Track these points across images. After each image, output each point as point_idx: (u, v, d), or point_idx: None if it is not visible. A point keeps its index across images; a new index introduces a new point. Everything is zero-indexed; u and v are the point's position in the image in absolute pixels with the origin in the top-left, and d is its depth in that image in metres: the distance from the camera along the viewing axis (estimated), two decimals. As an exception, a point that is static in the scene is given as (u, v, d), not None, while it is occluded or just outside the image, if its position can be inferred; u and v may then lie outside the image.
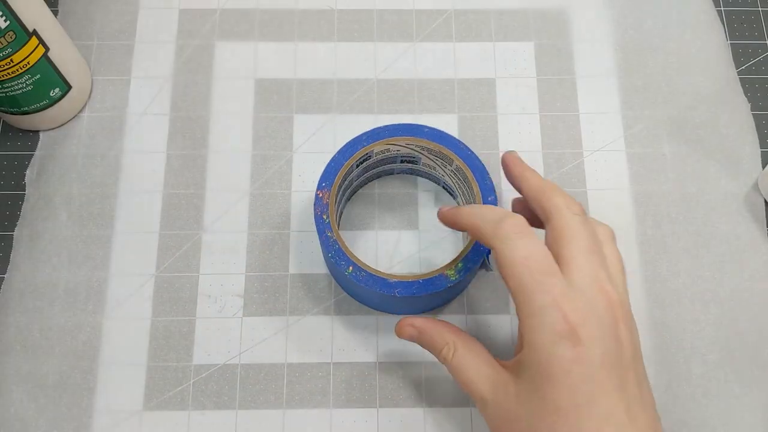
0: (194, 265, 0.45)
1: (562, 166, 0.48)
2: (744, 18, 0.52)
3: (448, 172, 0.44)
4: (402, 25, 0.51)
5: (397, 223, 0.46)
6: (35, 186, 0.47)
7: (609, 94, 0.50)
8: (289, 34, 0.51)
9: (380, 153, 0.43)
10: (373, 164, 0.44)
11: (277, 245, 0.45)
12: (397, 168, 0.46)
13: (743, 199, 0.47)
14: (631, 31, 0.51)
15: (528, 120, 0.49)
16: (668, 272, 0.45)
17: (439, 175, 0.45)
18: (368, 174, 0.45)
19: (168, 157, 0.47)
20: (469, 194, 0.42)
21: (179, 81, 0.49)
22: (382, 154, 0.43)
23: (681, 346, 0.44)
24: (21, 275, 0.44)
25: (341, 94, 0.49)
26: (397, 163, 0.45)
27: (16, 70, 0.42)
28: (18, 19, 0.40)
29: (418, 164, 0.45)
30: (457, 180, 0.43)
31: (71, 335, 0.43)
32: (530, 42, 0.51)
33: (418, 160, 0.44)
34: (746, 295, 0.45)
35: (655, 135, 0.49)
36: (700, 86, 0.50)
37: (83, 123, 0.48)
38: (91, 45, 0.50)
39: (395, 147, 0.42)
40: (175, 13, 0.51)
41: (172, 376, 0.42)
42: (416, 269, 0.45)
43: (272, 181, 0.47)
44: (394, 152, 0.43)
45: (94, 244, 0.45)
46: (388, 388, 0.42)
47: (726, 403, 0.42)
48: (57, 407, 0.42)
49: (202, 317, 0.44)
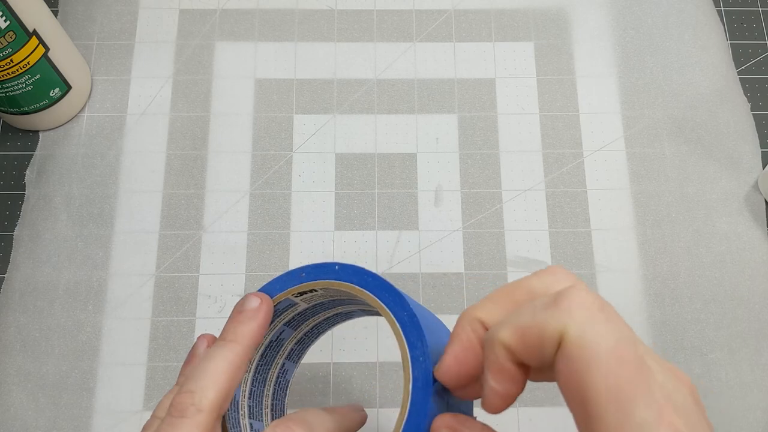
0: (194, 265, 0.45)
1: (562, 166, 0.48)
2: (744, 18, 0.52)
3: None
4: (402, 25, 0.51)
5: (397, 223, 0.46)
6: (35, 186, 0.47)
7: (609, 94, 0.50)
8: (289, 34, 0.51)
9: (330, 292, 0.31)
10: (331, 301, 0.33)
11: (277, 245, 0.45)
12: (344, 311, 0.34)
13: (743, 198, 0.47)
14: (631, 31, 0.51)
15: (528, 120, 0.49)
16: (668, 272, 0.45)
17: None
18: (329, 313, 0.34)
19: (168, 157, 0.47)
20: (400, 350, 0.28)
21: (179, 81, 0.49)
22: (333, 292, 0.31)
23: (681, 346, 0.44)
24: (21, 275, 0.44)
25: (341, 94, 0.49)
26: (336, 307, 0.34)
27: (16, 70, 0.42)
28: (18, 19, 0.40)
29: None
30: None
31: (71, 335, 0.43)
32: (530, 42, 0.51)
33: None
34: (746, 294, 0.45)
35: (655, 135, 0.49)
36: (700, 86, 0.50)
37: (83, 123, 0.48)
38: (91, 45, 0.50)
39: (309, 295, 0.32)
40: (175, 13, 0.51)
41: (172, 376, 0.42)
42: (416, 269, 0.45)
43: (272, 181, 0.47)
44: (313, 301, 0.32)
45: (94, 244, 0.45)
46: (388, 388, 0.42)
47: (726, 403, 0.42)
48: (57, 407, 0.42)
49: (202, 317, 0.44)
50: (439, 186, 0.47)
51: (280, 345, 0.34)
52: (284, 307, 0.32)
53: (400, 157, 0.48)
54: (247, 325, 0.28)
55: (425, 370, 0.26)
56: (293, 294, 0.31)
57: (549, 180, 0.47)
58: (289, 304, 0.32)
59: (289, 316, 0.33)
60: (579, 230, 0.46)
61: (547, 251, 0.45)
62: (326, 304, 0.33)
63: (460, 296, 0.44)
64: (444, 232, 0.46)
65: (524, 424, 0.42)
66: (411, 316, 0.27)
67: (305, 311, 0.33)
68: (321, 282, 0.30)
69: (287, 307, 0.32)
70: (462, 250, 0.45)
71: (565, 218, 0.46)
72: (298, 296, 0.31)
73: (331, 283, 0.30)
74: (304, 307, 0.33)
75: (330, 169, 0.47)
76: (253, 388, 0.33)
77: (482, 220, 0.46)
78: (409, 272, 0.45)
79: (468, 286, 0.45)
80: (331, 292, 0.31)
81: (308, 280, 0.31)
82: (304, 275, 0.31)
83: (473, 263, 0.45)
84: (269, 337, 0.33)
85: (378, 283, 0.29)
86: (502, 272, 0.45)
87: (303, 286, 0.31)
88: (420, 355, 0.26)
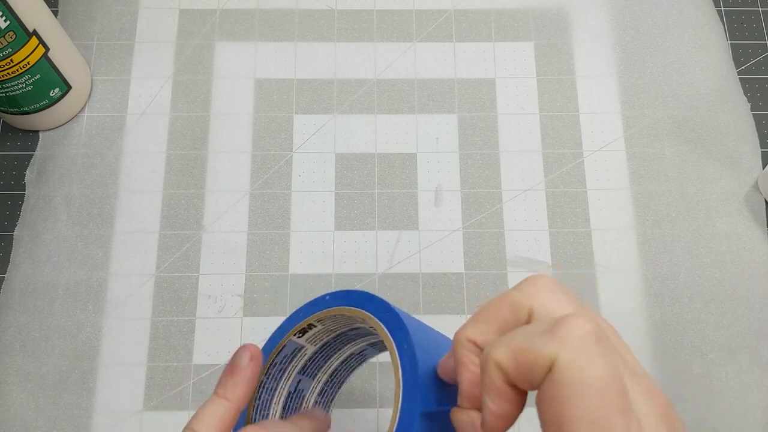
0: (194, 265, 0.45)
1: (562, 166, 0.48)
2: (744, 18, 0.52)
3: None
4: (402, 25, 0.51)
5: (397, 223, 0.46)
6: (35, 186, 0.47)
7: (609, 94, 0.50)
8: (289, 34, 0.51)
9: (330, 323, 0.31)
10: (338, 336, 0.33)
11: (277, 245, 0.45)
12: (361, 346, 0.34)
13: (743, 198, 0.47)
14: (631, 31, 0.51)
15: (528, 120, 0.49)
16: (668, 272, 0.45)
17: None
18: (349, 350, 0.34)
19: (168, 157, 0.47)
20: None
21: (179, 81, 0.49)
22: (335, 323, 0.31)
23: (681, 346, 0.44)
24: (21, 275, 0.44)
25: (341, 94, 0.49)
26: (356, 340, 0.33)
27: (16, 70, 0.42)
28: (18, 20, 0.40)
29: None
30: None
31: (71, 335, 0.43)
32: (530, 42, 0.51)
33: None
34: (746, 294, 0.45)
35: (655, 135, 0.49)
36: (700, 86, 0.50)
37: (83, 123, 0.48)
38: (91, 45, 0.50)
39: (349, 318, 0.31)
40: (175, 13, 0.51)
41: (172, 376, 0.42)
42: (416, 269, 0.45)
43: (272, 181, 0.47)
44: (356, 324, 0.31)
45: (94, 244, 0.45)
46: (388, 388, 0.42)
47: (726, 403, 0.42)
48: (57, 407, 0.42)
49: (202, 317, 0.44)
50: (439, 186, 0.47)
51: (301, 397, 0.33)
52: (291, 351, 0.32)
53: (400, 157, 0.48)
54: (238, 383, 0.29)
55: (414, 396, 0.26)
56: (294, 334, 0.31)
57: (549, 180, 0.47)
58: (295, 348, 0.32)
59: (300, 363, 0.33)
60: (579, 230, 0.46)
61: (547, 251, 0.45)
62: (332, 343, 0.33)
63: (460, 296, 0.44)
64: (444, 232, 0.46)
65: (524, 424, 0.42)
66: (405, 333, 0.27)
67: (315, 356, 0.33)
68: (316, 315, 0.30)
69: (295, 352, 0.32)
70: (462, 250, 0.45)
71: (565, 218, 0.46)
72: (300, 336, 0.31)
73: (326, 312, 0.30)
74: (312, 350, 0.32)
75: (330, 169, 0.47)
76: None
77: (482, 220, 0.46)
78: (409, 272, 0.45)
79: (468, 286, 0.45)
80: (329, 323, 0.31)
81: (305, 317, 0.31)
82: (301, 314, 0.31)
83: (473, 263, 0.45)
84: (287, 387, 0.33)
85: (367, 298, 0.29)
86: (502, 272, 0.45)
87: (301, 324, 0.31)
88: (410, 378, 0.26)
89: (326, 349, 0.33)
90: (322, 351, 0.33)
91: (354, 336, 0.33)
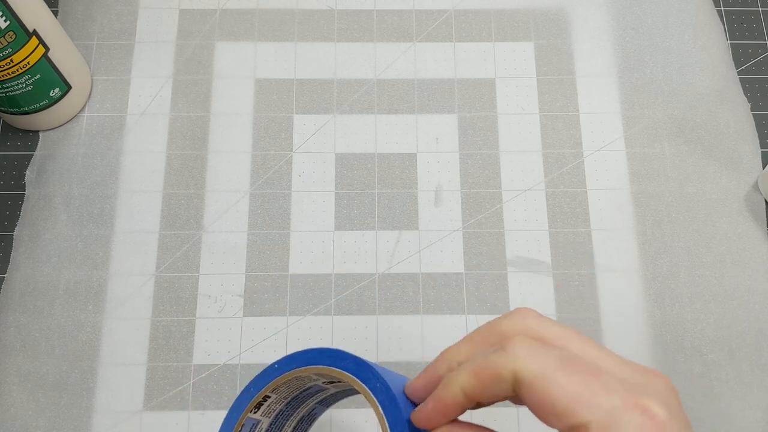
0: (194, 265, 0.45)
1: (562, 166, 0.48)
2: (744, 18, 0.52)
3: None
4: (402, 25, 0.51)
5: (397, 223, 0.46)
6: (35, 186, 0.47)
7: (609, 94, 0.50)
8: (289, 34, 0.51)
9: (284, 390, 0.31)
10: (290, 402, 0.33)
11: (277, 245, 0.45)
12: (333, 391, 0.33)
13: (743, 198, 0.47)
14: (631, 31, 0.51)
15: (528, 120, 0.49)
16: (668, 272, 0.45)
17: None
18: (301, 413, 0.34)
19: (168, 157, 0.47)
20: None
21: (179, 81, 0.49)
22: (289, 388, 0.32)
23: (681, 346, 0.44)
24: (21, 275, 0.44)
25: (341, 94, 0.49)
26: (327, 389, 0.33)
27: (16, 70, 0.42)
28: (18, 19, 0.40)
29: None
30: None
31: (71, 335, 0.43)
32: (530, 42, 0.51)
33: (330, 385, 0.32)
34: (746, 294, 0.45)
35: (655, 135, 0.49)
36: (700, 86, 0.50)
37: (83, 123, 0.48)
38: (91, 45, 0.50)
39: (306, 378, 0.31)
40: (175, 13, 0.51)
41: (172, 376, 0.42)
42: (416, 269, 0.45)
43: (272, 181, 0.47)
44: (308, 383, 0.32)
45: (94, 244, 0.45)
46: (388, 388, 0.42)
47: (726, 403, 0.42)
48: (57, 407, 0.42)
49: (202, 317, 0.44)
50: (439, 186, 0.47)
51: None
52: (249, 429, 0.31)
53: (400, 157, 0.48)
54: None
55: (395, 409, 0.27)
56: (250, 410, 0.31)
57: (549, 180, 0.47)
58: (253, 424, 0.31)
59: None
60: (579, 230, 0.46)
61: (547, 251, 0.46)
62: (284, 410, 0.33)
63: (460, 296, 0.44)
64: (444, 232, 0.46)
65: (524, 423, 0.42)
66: (373, 372, 0.28)
67: (270, 428, 0.32)
68: (270, 385, 0.30)
69: (252, 428, 0.31)
70: (462, 250, 0.45)
71: (565, 218, 0.46)
72: (256, 411, 0.31)
73: (280, 379, 0.30)
74: (267, 423, 0.32)
75: (330, 169, 0.47)
76: None
77: (482, 220, 0.46)
78: (409, 272, 0.45)
79: (468, 286, 0.45)
80: (283, 390, 0.31)
81: (257, 390, 0.30)
82: (252, 389, 0.31)
83: (473, 263, 0.45)
84: None
85: (317, 354, 0.29)
86: (502, 272, 0.45)
87: (257, 397, 0.30)
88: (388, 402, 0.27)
89: (279, 418, 0.33)
90: (276, 421, 0.33)
91: (305, 397, 0.33)
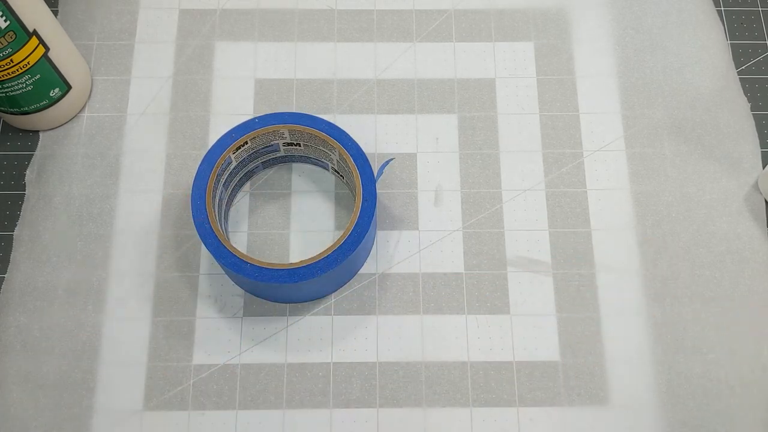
0: (194, 265, 0.45)
1: (562, 166, 0.48)
2: (744, 18, 0.52)
3: (334, 161, 0.44)
4: (402, 25, 0.51)
5: (397, 223, 0.46)
6: (35, 186, 0.47)
7: (609, 94, 0.50)
8: (289, 34, 0.51)
9: (257, 141, 0.43)
10: (251, 154, 0.44)
11: (277, 245, 0.45)
12: (281, 154, 0.46)
13: (743, 198, 0.47)
14: (631, 31, 0.51)
15: (528, 120, 0.49)
16: (668, 272, 0.45)
17: (327, 162, 0.45)
18: (250, 166, 0.45)
19: (168, 157, 0.47)
20: (351, 184, 0.43)
21: (179, 81, 0.49)
22: (260, 141, 0.43)
23: (681, 346, 0.44)
24: (21, 275, 0.44)
25: (341, 94, 0.49)
26: (279, 150, 0.45)
27: (16, 70, 0.42)
28: (18, 19, 0.40)
29: (301, 146, 0.45)
30: (342, 168, 0.44)
31: (71, 335, 0.43)
32: (530, 42, 0.51)
33: (300, 143, 0.44)
34: (746, 294, 0.45)
35: (655, 135, 0.49)
36: (700, 86, 0.50)
37: (83, 123, 0.48)
38: (91, 45, 0.50)
39: (276, 134, 0.42)
40: (175, 13, 0.51)
41: (172, 376, 0.42)
42: (416, 269, 0.45)
43: (272, 181, 0.47)
44: (273, 140, 0.43)
45: (94, 243, 0.45)
46: (388, 388, 0.42)
47: (726, 403, 0.42)
48: (57, 407, 0.42)
49: (202, 317, 0.44)
50: (439, 186, 0.47)
51: (221, 207, 0.43)
52: (226, 165, 0.42)
53: (399, 157, 0.48)
54: None
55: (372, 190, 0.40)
56: (231, 152, 0.41)
57: (549, 180, 0.47)
58: (228, 163, 0.42)
59: (224, 176, 0.42)
60: (579, 230, 0.46)
61: (547, 251, 0.46)
62: (245, 159, 0.43)
63: (460, 296, 0.44)
64: (444, 232, 0.46)
65: (524, 424, 0.42)
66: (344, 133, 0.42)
67: (235, 169, 0.43)
68: (250, 134, 0.42)
69: (226, 166, 0.42)
70: (462, 250, 0.45)
71: (565, 218, 0.46)
72: (234, 153, 0.42)
73: (260, 131, 0.42)
74: (234, 165, 0.43)
75: (330, 169, 0.47)
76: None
77: (482, 220, 0.46)
78: (409, 272, 0.45)
79: (468, 286, 0.45)
80: (258, 141, 0.42)
81: (239, 136, 0.41)
82: (234, 135, 0.41)
83: (473, 263, 0.45)
84: (218, 195, 0.42)
85: (297, 115, 0.43)
86: (502, 272, 0.45)
87: (238, 141, 0.41)
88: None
89: (240, 163, 0.43)
90: (238, 165, 0.43)
91: (260, 154, 0.44)
